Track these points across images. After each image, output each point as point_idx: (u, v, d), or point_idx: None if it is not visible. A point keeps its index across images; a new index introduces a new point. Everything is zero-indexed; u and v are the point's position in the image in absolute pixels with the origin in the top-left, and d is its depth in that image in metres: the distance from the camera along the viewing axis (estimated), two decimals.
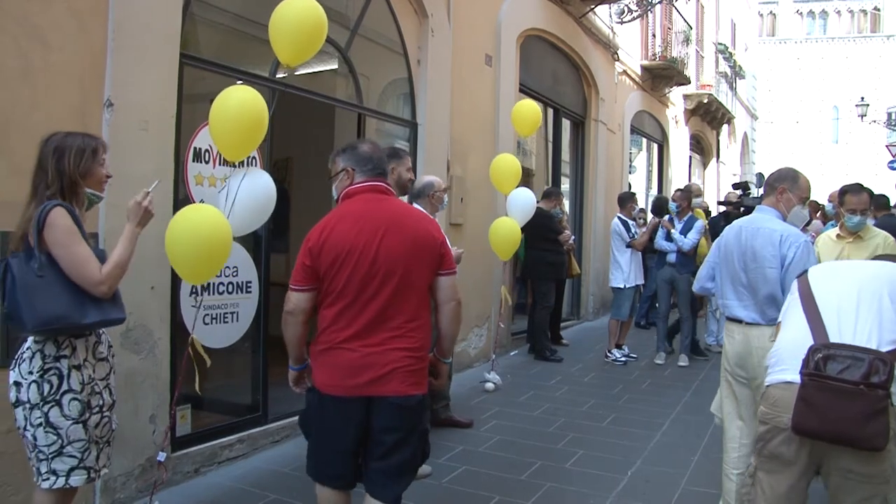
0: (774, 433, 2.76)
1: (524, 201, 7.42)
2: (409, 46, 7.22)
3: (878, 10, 52.20)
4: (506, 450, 5.47)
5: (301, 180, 8.44)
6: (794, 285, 3.06)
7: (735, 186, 10.32)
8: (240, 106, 3.95)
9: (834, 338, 2.67)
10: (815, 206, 9.52)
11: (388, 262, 2.97)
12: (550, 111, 11.31)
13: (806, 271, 3.09)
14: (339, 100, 6.65)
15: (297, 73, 6.74)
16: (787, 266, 3.73)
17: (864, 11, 53.48)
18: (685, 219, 8.76)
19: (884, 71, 43.65)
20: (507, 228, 7.16)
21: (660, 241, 8.79)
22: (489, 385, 7.18)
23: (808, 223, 7.03)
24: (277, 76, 5.55)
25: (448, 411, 5.94)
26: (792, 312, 2.97)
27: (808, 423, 2.57)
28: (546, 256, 8.71)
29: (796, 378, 2.65)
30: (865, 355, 2.51)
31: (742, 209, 8.71)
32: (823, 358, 2.57)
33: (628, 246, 8.79)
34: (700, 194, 10.45)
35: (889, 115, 24.65)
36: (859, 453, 2.54)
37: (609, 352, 8.89)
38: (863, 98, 29.94)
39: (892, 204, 8.21)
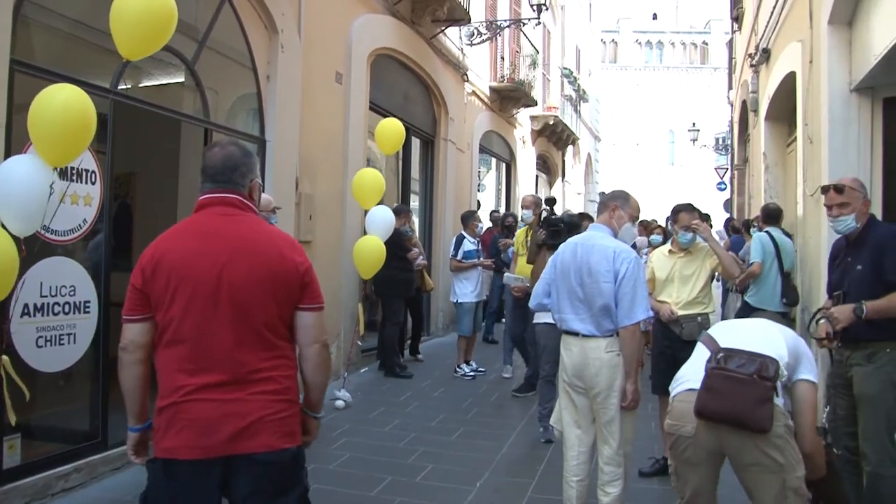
0: (682, 441, 3.24)
1: (383, 219, 7.43)
2: (258, 61, 7.13)
3: (707, 44, 56.46)
4: (356, 467, 5.47)
5: (145, 196, 8.13)
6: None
7: (548, 202, 10.71)
8: (65, 107, 3.72)
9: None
10: (646, 226, 10.08)
11: (232, 290, 2.46)
12: None
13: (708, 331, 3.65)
14: (185, 114, 6.48)
15: (140, 84, 6.57)
16: (619, 280, 3.95)
17: (695, 45, 57.78)
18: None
19: (712, 99, 46.66)
20: (372, 247, 7.14)
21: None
22: (339, 403, 7.14)
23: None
24: (119, 87, 5.36)
25: None
26: (696, 351, 3.50)
27: (710, 405, 3.07)
28: (395, 274, 8.76)
29: (697, 386, 3.16)
30: (758, 357, 3.10)
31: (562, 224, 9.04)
32: (724, 356, 3.16)
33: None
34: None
35: (717, 140, 26.38)
36: (754, 448, 3.03)
37: (458, 367, 9.05)
38: (694, 124, 31.90)
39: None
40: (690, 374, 3.31)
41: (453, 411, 7.26)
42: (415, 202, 12.14)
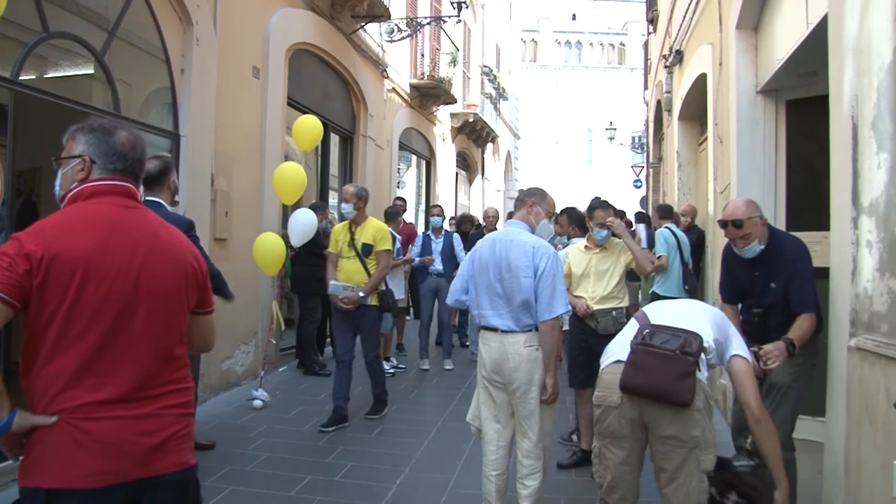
0: (607, 412, 3.32)
1: (305, 222, 7.30)
2: (172, 54, 6.94)
3: (624, 45, 57.79)
4: (274, 467, 5.39)
5: (52, 193, 7.82)
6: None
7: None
8: None
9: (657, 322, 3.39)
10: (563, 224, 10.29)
11: (151, 295, 2.21)
12: None
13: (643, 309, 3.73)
14: (95, 107, 6.23)
15: (45, 75, 6.32)
16: (539, 275, 3.99)
17: (613, 45, 59.11)
18: (441, 235, 9.34)
19: (628, 99, 47.67)
20: (271, 243, 7.03)
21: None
22: (257, 402, 7.02)
23: (553, 237, 7.56)
24: (21, 77, 5.14)
25: None
26: (627, 325, 3.62)
27: (634, 380, 3.17)
28: (313, 271, 8.62)
29: (624, 358, 3.25)
30: (682, 333, 3.21)
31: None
32: (650, 333, 3.27)
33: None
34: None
35: (633, 138, 26.96)
36: (673, 421, 3.14)
37: None
38: (611, 122, 32.62)
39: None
40: (618, 348, 3.42)
41: None
42: (333, 199, 12.02)
